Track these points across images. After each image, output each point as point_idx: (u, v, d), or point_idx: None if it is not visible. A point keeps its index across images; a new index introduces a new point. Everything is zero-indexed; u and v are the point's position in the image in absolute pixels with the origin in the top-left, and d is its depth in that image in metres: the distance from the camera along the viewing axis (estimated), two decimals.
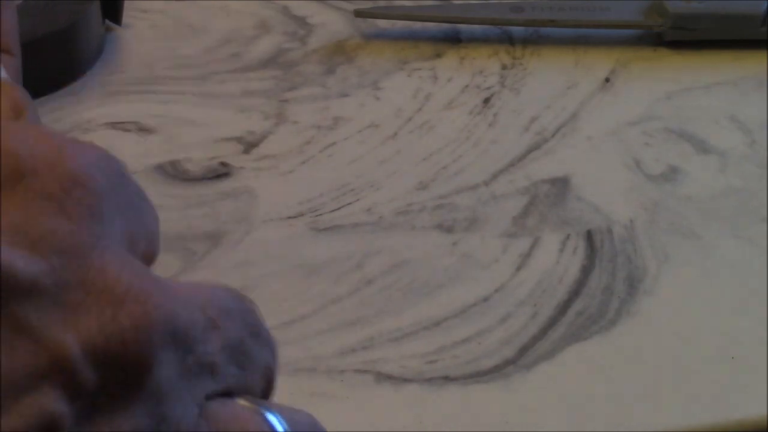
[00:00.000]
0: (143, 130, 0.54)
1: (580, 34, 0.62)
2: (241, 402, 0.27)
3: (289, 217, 0.50)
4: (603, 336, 0.45)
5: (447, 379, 0.43)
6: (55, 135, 0.25)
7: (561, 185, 0.52)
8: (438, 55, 0.60)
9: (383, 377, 0.43)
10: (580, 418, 0.42)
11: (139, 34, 0.61)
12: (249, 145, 0.54)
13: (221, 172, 0.52)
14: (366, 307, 0.46)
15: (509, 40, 0.62)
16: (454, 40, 0.62)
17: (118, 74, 0.58)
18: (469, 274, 0.48)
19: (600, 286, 0.47)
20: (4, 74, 0.35)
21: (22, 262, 0.23)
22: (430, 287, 0.47)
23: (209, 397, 0.26)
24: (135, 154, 0.52)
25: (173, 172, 0.52)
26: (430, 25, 0.62)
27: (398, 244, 0.49)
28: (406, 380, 0.43)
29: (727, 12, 0.61)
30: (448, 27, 0.62)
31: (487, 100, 0.57)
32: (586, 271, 0.48)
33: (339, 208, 0.51)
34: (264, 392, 0.28)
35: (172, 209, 0.50)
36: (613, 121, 0.56)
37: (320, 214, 0.50)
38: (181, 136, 0.50)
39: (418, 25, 0.62)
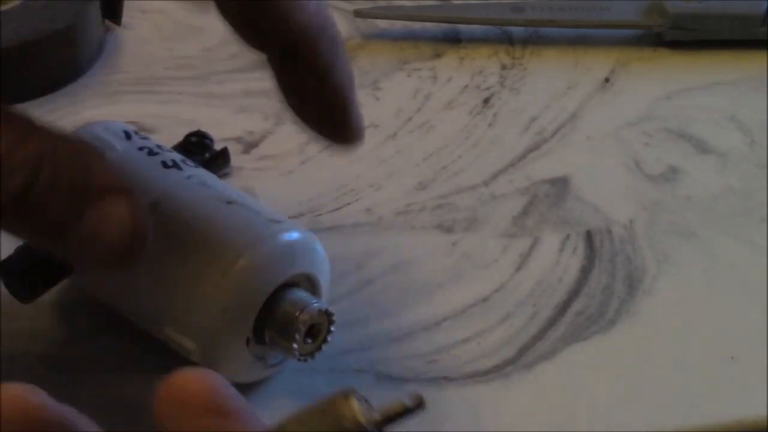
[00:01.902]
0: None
1: (580, 34, 0.62)
2: None
3: (289, 217, 0.50)
4: (603, 336, 0.45)
5: (447, 379, 0.43)
6: None
7: (560, 185, 0.52)
8: (438, 55, 0.60)
9: (383, 377, 0.43)
10: (580, 418, 0.42)
11: (139, 34, 0.61)
12: (249, 145, 0.54)
13: (221, 173, 0.52)
14: (366, 307, 0.46)
15: (509, 40, 0.62)
16: (453, 40, 0.62)
17: (118, 74, 0.58)
18: (468, 274, 0.48)
19: (599, 286, 0.47)
20: None
21: None
22: (430, 287, 0.47)
23: None
24: None
25: None
26: (430, 25, 0.62)
27: (398, 244, 0.49)
28: (406, 380, 0.43)
29: (727, 12, 0.61)
30: (447, 27, 0.62)
31: (486, 100, 0.57)
32: (586, 271, 0.48)
33: (339, 208, 0.51)
34: None
35: None
36: (613, 121, 0.56)
37: (320, 214, 0.50)
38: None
39: (417, 25, 0.62)
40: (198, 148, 0.50)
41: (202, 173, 0.43)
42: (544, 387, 0.43)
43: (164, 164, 0.42)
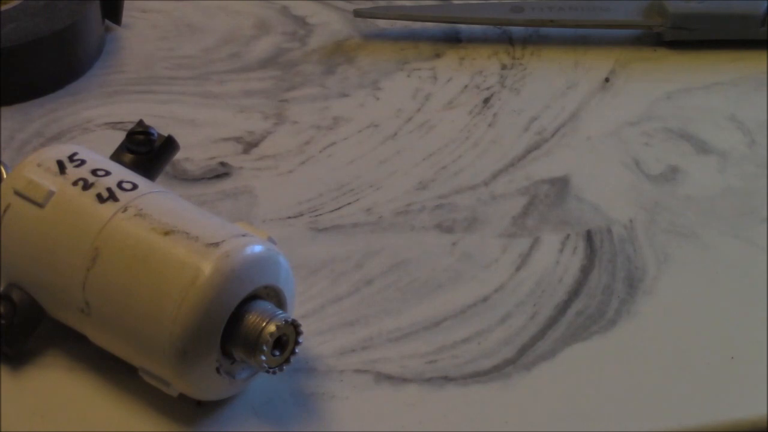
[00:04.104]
0: None
1: (580, 34, 0.62)
2: None
3: (289, 217, 0.50)
4: (603, 336, 0.45)
5: (447, 379, 0.43)
6: None
7: (560, 185, 0.52)
8: (438, 55, 0.60)
9: (383, 377, 0.43)
10: (580, 418, 0.42)
11: (139, 34, 0.61)
12: (249, 145, 0.54)
13: (221, 172, 0.52)
14: (366, 307, 0.46)
15: (509, 40, 0.62)
16: (453, 40, 0.62)
17: (118, 74, 0.58)
18: (468, 274, 0.48)
19: (600, 286, 0.47)
20: None
21: None
22: (430, 287, 0.47)
23: None
24: None
25: (173, 172, 0.52)
26: (430, 25, 0.62)
27: (398, 244, 0.49)
28: (406, 380, 0.43)
29: (727, 12, 0.61)
30: (447, 27, 0.62)
31: (486, 100, 0.57)
32: (586, 271, 0.48)
33: (339, 208, 0.51)
34: None
35: None
36: (613, 121, 0.56)
37: (320, 214, 0.50)
38: (180, 136, 0.50)
39: (417, 25, 0.62)
40: (143, 144, 0.48)
41: (137, 197, 0.42)
42: (544, 387, 0.43)
43: (99, 198, 0.41)
